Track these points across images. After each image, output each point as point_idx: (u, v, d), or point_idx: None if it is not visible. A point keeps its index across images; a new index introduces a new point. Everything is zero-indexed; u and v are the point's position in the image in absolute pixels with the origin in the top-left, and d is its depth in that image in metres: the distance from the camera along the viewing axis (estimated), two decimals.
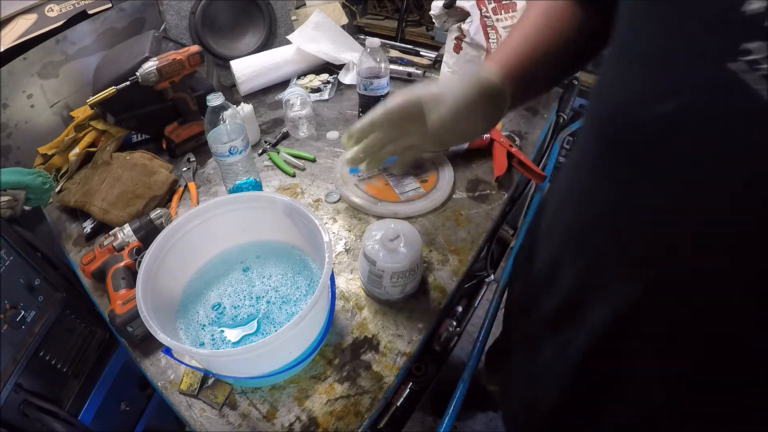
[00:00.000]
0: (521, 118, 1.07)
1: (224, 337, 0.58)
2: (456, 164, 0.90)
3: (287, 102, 1.01)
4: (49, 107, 1.01)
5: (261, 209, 0.64)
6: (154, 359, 0.61)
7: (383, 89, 0.93)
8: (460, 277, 0.69)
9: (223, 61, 1.20)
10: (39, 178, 0.73)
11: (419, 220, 0.79)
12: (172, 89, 0.91)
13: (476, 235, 0.76)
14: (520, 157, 0.87)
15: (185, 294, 0.63)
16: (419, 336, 0.62)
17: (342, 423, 0.53)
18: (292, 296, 0.62)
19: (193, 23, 1.14)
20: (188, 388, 0.57)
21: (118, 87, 0.85)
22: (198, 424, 0.54)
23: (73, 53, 1.03)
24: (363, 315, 0.65)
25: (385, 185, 0.85)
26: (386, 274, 0.60)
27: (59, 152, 0.93)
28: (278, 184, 0.89)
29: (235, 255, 0.68)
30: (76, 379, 0.83)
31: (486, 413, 1.37)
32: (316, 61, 1.26)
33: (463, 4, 0.97)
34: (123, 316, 0.60)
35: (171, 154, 0.98)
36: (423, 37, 1.77)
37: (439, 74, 1.14)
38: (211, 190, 0.90)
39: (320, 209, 0.83)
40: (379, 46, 0.89)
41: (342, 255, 0.74)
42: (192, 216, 0.61)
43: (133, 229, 0.72)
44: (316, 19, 1.27)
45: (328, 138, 1.02)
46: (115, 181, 0.81)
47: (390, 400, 0.70)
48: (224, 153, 0.76)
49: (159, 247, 0.56)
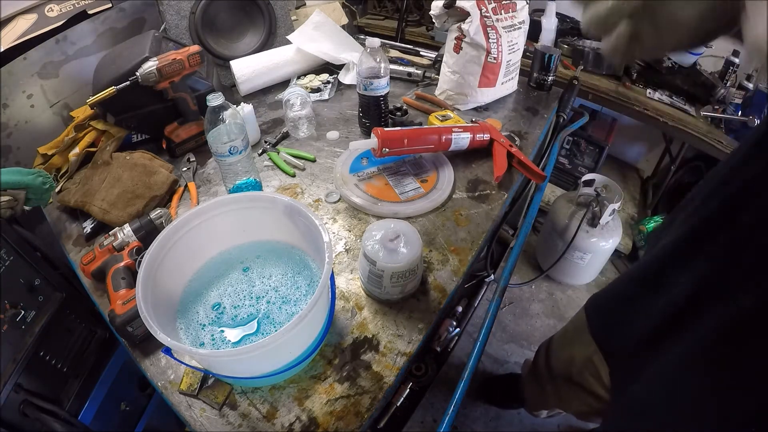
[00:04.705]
0: (521, 118, 1.07)
1: (224, 337, 0.58)
2: (456, 164, 0.90)
3: (287, 102, 1.01)
4: (49, 107, 1.01)
5: (261, 209, 0.64)
6: (154, 359, 0.61)
7: (383, 89, 0.93)
8: (460, 277, 0.69)
9: (223, 61, 1.20)
10: (39, 178, 0.73)
11: (419, 220, 0.79)
12: (172, 89, 0.91)
13: (476, 235, 0.76)
14: (520, 157, 0.87)
15: (185, 294, 0.63)
16: (419, 336, 0.62)
17: (342, 423, 0.53)
18: (292, 296, 0.62)
19: (193, 23, 1.14)
20: (188, 388, 0.57)
21: (118, 87, 0.85)
22: (198, 424, 0.54)
23: (73, 53, 1.04)
24: (363, 315, 0.65)
25: (385, 185, 0.85)
26: (386, 274, 0.60)
27: (59, 152, 0.93)
28: (278, 184, 0.89)
29: (235, 255, 0.68)
30: (76, 379, 0.83)
31: (487, 413, 1.38)
32: (316, 61, 1.26)
33: (463, 4, 0.97)
34: (123, 316, 0.60)
35: (171, 154, 0.98)
36: (423, 37, 1.78)
37: (439, 74, 1.14)
38: (211, 190, 0.90)
39: (320, 209, 0.83)
40: (379, 46, 0.89)
41: (342, 255, 0.74)
42: (192, 216, 0.61)
43: (133, 229, 0.72)
44: (316, 19, 1.27)
45: (328, 138, 1.02)
46: (115, 181, 0.81)
47: (390, 400, 0.70)
48: (224, 153, 0.76)
49: (159, 247, 0.56)
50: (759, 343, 0.37)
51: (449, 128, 0.88)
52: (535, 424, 1.34)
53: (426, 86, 1.21)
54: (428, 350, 0.87)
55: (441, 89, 1.12)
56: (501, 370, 1.48)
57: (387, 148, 0.81)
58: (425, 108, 1.10)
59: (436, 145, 0.87)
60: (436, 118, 0.99)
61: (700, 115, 1.42)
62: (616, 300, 0.66)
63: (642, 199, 1.94)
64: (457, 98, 1.09)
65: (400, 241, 0.60)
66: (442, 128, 0.88)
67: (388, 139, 0.81)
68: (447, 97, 1.11)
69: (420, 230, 0.76)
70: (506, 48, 1.01)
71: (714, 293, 0.42)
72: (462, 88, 1.06)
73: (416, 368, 0.83)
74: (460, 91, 1.07)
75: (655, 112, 1.43)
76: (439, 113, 1.01)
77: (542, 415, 1.20)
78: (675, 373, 0.45)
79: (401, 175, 0.87)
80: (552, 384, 0.95)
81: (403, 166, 0.89)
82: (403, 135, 0.83)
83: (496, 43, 0.99)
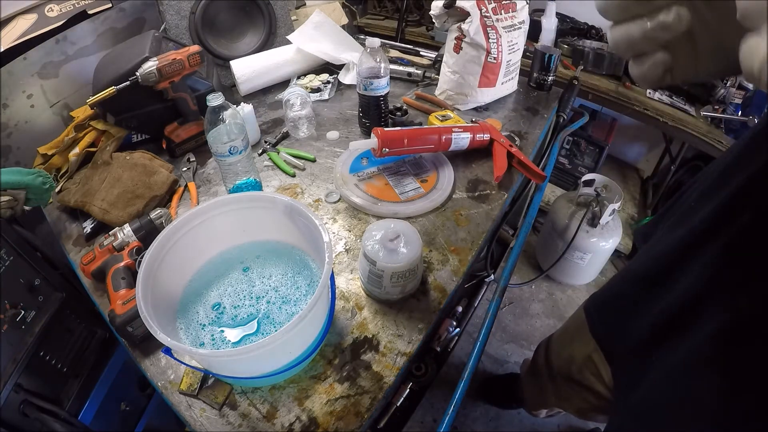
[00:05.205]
0: (521, 118, 1.07)
1: (224, 337, 0.58)
2: (456, 164, 0.90)
3: (287, 102, 1.01)
4: (49, 107, 1.01)
5: (261, 209, 0.64)
6: (154, 359, 0.61)
7: (383, 89, 0.93)
8: (460, 277, 0.69)
9: (223, 61, 1.20)
10: (39, 178, 0.73)
11: (419, 220, 0.79)
12: (172, 89, 0.91)
13: (476, 235, 0.76)
14: (520, 157, 0.87)
15: (185, 294, 0.63)
16: (419, 336, 0.62)
17: (342, 423, 0.53)
18: (292, 296, 0.62)
19: (193, 23, 1.14)
20: (188, 388, 0.57)
21: (118, 87, 0.85)
22: (198, 424, 0.54)
23: (73, 53, 1.04)
24: (363, 315, 0.65)
25: (385, 185, 0.85)
26: (386, 274, 0.60)
27: (59, 152, 0.93)
28: (278, 184, 0.89)
29: (235, 255, 0.68)
30: (76, 379, 0.83)
31: (487, 413, 1.38)
32: (316, 61, 1.26)
33: (463, 4, 0.97)
34: (123, 316, 0.60)
35: (171, 154, 0.98)
36: (423, 37, 1.78)
37: (439, 74, 1.14)
38: (211, 190, 0.90)
39: (320, 209, 0.83)
40: (379, 46, 0.89)
41: (342, 255, 0.74)
42: (192, 216, 0.61)
43: (133, 229, 0.72)
44: (316, 19, 1.27)
45: (328, 138, 1.02)
46: (115, 181, 0.81)
47: (390, 400, 0.70)
48: (224, 153, 0.76)
49: (159, 247, 0.56)
50: (759, 345, 0.37)
51: (449, 128, 0.88)
52: (535, 423, 1.34)
53: (426, 86, 1.21)
54: (428, 350, 0.87)
55: (441, 89, 1.12)
56: (501, 370, 1.48)
57: (387, 148, 0.81)
58: (425, 108, 1.10)
59: (436, 145, 0.87)
60: (436, 118, 0.99)
61: (700, 115, 1.42)
62: (617, 299, 0.66)
63: (642, 199, 1.94)
64: (457, 98, 1.09)
65: (400, 241, 0.60)
66: (442, 128, 0.88)
67: (388, 139, 0.81)
68: (447, 97, 1.11)
69: (420, 230, 0.76)
70: (506, 48, 1.01)
71: (712, 295, 0.42)
72: (462, 88, 1.06)
73: (416, 368, 0.83)
74: (460, 91, 1.07)
75: (655, 112, 1.43)
76: (439, 113, 1.01)
77: (542, 414, 1.20)
78: (678, 374, 0.45)
79: (401, 175, 0.87)
80: (552, 382, 0.95)
81: (403, 166, 0.89)
82: (403, 135, 0.83)
83: (496, 43, 0.99)
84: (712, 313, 0.41)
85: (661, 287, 0.50)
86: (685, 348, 0.44)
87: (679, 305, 0.46)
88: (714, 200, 0.45)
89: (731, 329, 0.39)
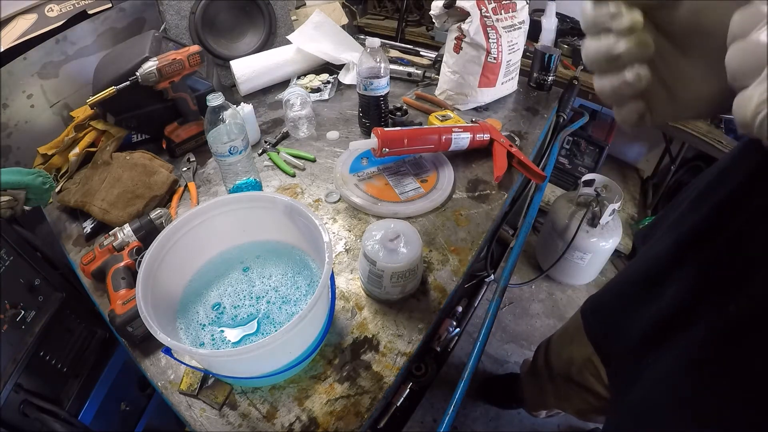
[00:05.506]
0: (521, 118, 1.07)
1: (224, 337, 0.58)
2: (456, 164, 0.90)
3: (287, 102, 1.01)
4: (49, 107, 1.01)
5: (261, 209, 0.64)
6: (154, 359, 0.61)
7: (383, 89, 0.93)
8: (460, 277, 0.69)
9: (223, 61, 1.20)
10: (39, 178, 0.73)
11: (419, 220, 0.79)
12: (172, 89, 0.91)
13: (476, 235, 0.76)
14: (520, 157, 0.87)
15: (185, 294, 0.63)
16: (419, 336, 0.62)
17: (342, 423, 0.53)
18: (292, 296, 0.62)
19: (193, 23, 1.14)
20: (188, 388, 0.57)
21: (118, 87, 0.85)
22: (198, 424, 0.54)
23: (73, 53, 1.04)
24: (363, 315, 0.65)
25: (385, 185, 0.85)
26: (386, 274, 0.60)
27: (59, 152, 0.93)
28: (278, 184, 0.89)
29: (235, 255, 0.68)
30: (76, 379, 0.83)
31: (487, 413, 1.38)
32: (316, 61, 1.26)
33: (463, 4, 0.97)
34: (123, 316, 0.60)
35: (171, 154, 0.98)
36: (423, 37, 1.78)
37: (439, 74, 1.14)
38: (211, 190, 0.90)
39: (320, 209, 0.83)
40: (379, 46, 0.89)
41: (342, 255, 0.74)
42: (192, 216, 0.61)
43: (133, 229, 0.72)
44: (316, 19, 1.27)
45: (328, 138, 1.02)
46: (115, 181, 0.81)
47: (390, 400, 0.70)
48: (224, 153, 0.76)
49: (159, 247, 0.56)
50: (750, 347, 0.37)
51: (449, 128, 0.88)
52: (535, 424, 1.34)
53: (426, 86, 1.21)
54: (428, 350, 0.87)
55: (441, 89, 1.12)
56: (501, 370, 1.48)
57: (387, 148, 0.81)
58: (425, 108, 1.10)
59: (436, 145, 0.87)
60: (436, 118, 0.99)
61: None
62: (613, 302, 0.66)
63: (642, 199, 1.94)
64: (457, 98, 1.09)
65: (400, 241, 0.60)
66: (442, 128, 0.88)
67: (388, 139, 0.81)
68: (447, 97, 1.11)
69: (420, 230, 0.76)
70: (506, 48, 1.01)
71: (705, 298, 0.42)
72: (462, 88, 1.06)
73: (416, 368, 0.83)
74: (460, 91, 1.07)
75: None
76: (439, 113, 1.01)
77: (542, 415, 1.20)
78: (673, 375, 0.46)
79: (401, 175, 0.87)
80: (551, 383, 0.95)
81: (403, 166, 0.89)
82: (403, 135, 0.83)
83: (496, 43, 0.99)
84: (704, 315, 0.41)
85: (657, 289, 0.50)
86: (679, 350, 0.45)
87: (673, 307, 0.47)
88: (708, 203, 0.45)
89: (723, 332, 0.39)
